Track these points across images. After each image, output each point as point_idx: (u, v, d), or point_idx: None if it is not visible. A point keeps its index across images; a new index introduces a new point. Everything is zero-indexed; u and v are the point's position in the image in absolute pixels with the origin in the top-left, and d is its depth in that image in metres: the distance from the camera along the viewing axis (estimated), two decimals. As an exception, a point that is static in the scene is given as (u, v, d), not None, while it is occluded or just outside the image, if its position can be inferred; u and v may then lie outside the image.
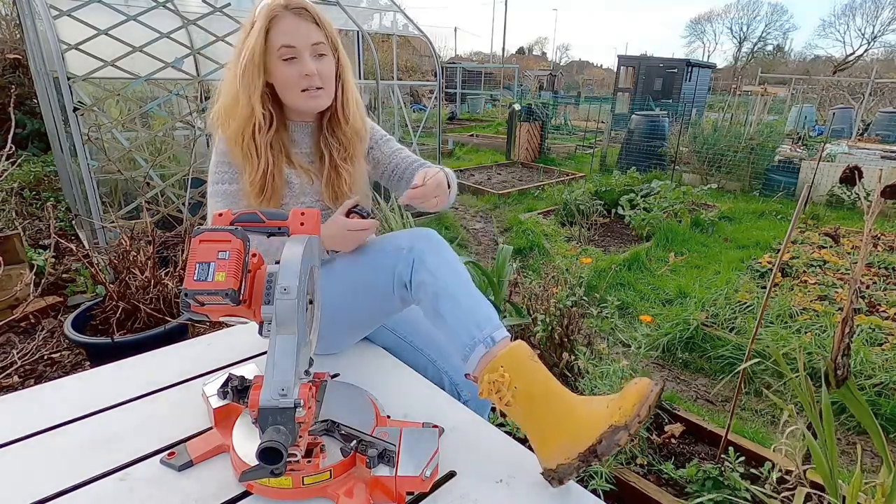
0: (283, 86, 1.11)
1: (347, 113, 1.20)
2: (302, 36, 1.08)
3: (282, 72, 1.09)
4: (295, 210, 0.90)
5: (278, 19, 1.07)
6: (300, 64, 1.09)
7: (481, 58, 38.70)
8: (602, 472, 1.62)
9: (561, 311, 2.17)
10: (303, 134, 1.23)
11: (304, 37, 1.08)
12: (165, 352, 1.33)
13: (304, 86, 1.10)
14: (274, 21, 1.07)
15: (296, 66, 1.09)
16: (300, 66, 1.09)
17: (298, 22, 1.08)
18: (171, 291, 2.21)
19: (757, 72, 14.70)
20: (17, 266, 2.72)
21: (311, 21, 1.09)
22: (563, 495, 0.89)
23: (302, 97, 1.12)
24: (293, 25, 1.07)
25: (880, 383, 2.24)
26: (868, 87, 11.37)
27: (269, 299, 0.77)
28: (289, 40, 1.07)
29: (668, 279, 3.63)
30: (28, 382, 2.17)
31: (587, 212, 5.00)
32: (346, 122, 1.21)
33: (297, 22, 1.08)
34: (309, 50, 1.09)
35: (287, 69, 1.09)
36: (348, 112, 1.21)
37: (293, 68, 1.09)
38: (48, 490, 0.85)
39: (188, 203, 2.98)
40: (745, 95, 10.95)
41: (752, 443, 1.82)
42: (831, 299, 3.07)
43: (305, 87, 1.11)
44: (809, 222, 5.05)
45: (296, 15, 1.08)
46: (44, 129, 5.12)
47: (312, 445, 0.85)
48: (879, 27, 34.00)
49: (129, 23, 2.87)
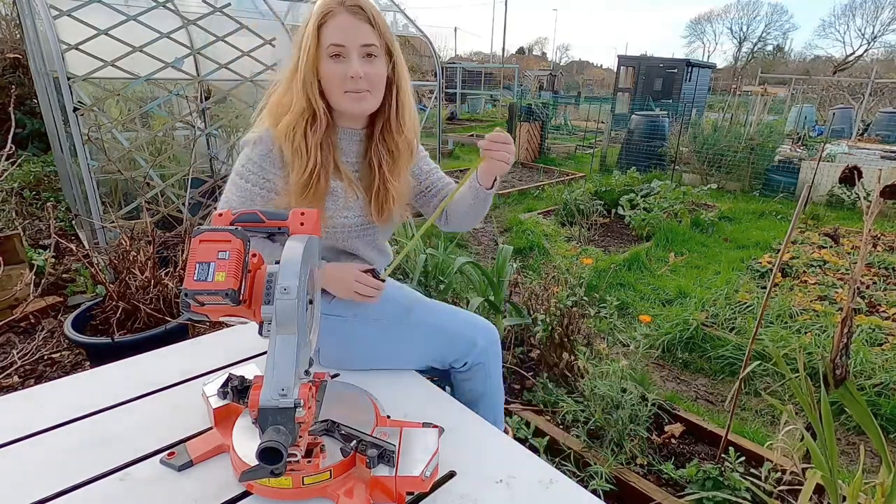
0: (328, 84, 1.08)
1: (402, 121, 1.16)
2: (353, 35, 1.04)
3: (328, 69, 1.06)
4: (295, 210, 0.89)
5: (332, 15, 1.04)
6: (347, 64, 1.05)
7: (481, 58, 38.72)
8: (602, 472, 1.62)
9: (561, 311, 2.17)
10: (350, 141, 1.18)
11: (354, 36, 1.05)
12: (165, 352, 1.33)
13: (349, 87, 1.06)
14: (327, 17, 1.04)
15: (342, 66, 1.05)
16: (346, 65, 1.05)
17: (352, 20, 1.04)
18: (171, 291, 2.21)
19: (757, 72, 14.71)
20: (17, 266, 2.72)
21: (365, 21, 1.05)
22: (563, 495, 0.89)
23: (345, 98, 1.08)
24: (345, 23, 1.04)
25: (880, 383, 2.24)
26: (868, 87, 11.38)
27: (269, 299, 0.77)
28: (338, 38, 1.04)
29: (668, 279, 3.63)
30: (28, 382, 2.17)
31: (587, 212, 5.00)
32: (399, 131, 1.16)
33: (350, 20, 1.04)
34: (358, 50, 1.05)
35: (333, 67, 1.05)
36: (402, 121, 1.16)
37: (339, 67, 1.05)
38: (48, 490, 0.85)
39: (188, 203, 2.98)
40: (745, 95, 10.95)
41: (752, 443, 1.82)
42: (831, 299, 3.07)
43: (349, 88, 1.06)
44: (809, 222, 5.05)
45: (350, 13, 1.04)
46: (44, 129, 5.12)
47: (312, 445, 0.85)
48: (879, 27, 34.04)
49: (129, 23, 2.87)
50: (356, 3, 1.05)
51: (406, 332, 1.23)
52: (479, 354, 1.24)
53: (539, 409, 2.02)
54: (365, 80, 1.06)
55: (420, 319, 1.24)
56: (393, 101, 1.14)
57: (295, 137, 1.07)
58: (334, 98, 1.09)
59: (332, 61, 1.05)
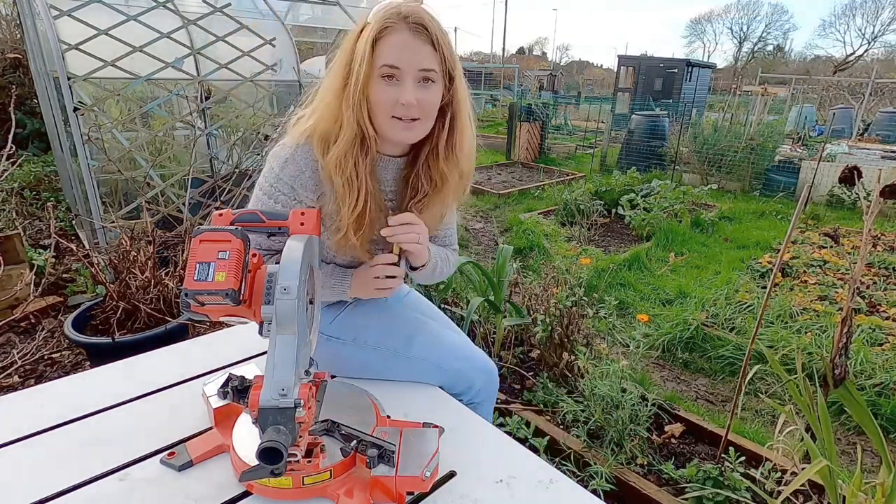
0: (375, 107, 0.96)
1: (452, 149, 1.03)
2: (411, 57, 0.92)
3: (378, 91, 0.94)
4: (295, 210, 0.89)
5: (390, 31, 0.91)
6: (400, 88, 0.93)
7: (481, 58, 38.71)
8: (602, 472, 1.62)
9: (561, 312, 2.17)
10: (386, 168, 1.08)
11: (413, 59, 0.92)
12: (165, 352, 1.33)
13: (398, 113, 0.95)
14: (385, 32, 0.91)
15: (394, 89, 0.94)
16: (399, 90, 0.93)
17: (412, 41, 0.92)
18: (171, 291, 2.21)
19: (757, 72, 14.71)
20: (17, 266, 2.72)
21: (427, 42, 0.93)
22: (562, 495, 0.89)
23: (391, 124, 0.97)
24: (404, 42, 0.92)
25: (880, 383, 2.24)
26: (868, 87, 11.38)
27: (270, 299, 0.77)
28: (394, 59, 0.92)
29: (669, 279, 3.63)
30: (28, 382, 2.17)
31: (587, 212, 5.00)
32: (447, 160, 1.03)
33: (410, 39, 0.92)
34: (414, 75, 0.94)
35: (384, 90, 0.94)
36: (453, 149, 1.03)
37: (391, 91, 0.94)
38: (48, 490, 0.85)
39: (188, 203, 2.98)
40: (745, 95, 10.95)
41: (753, 443, 1.82)
42: (831, 299, 3.07)
43: (398, 114, 0.95)
44: (809, 222, 5.05)
45: (412, 31, 0.92)
46: (44, 129, 5.12)
47: (312, 445, 0.85)
48: (879, 27, 34.04)
49: (129, 23, 2.87)
50: (420, 21, 0.92)
51: (404, 364, 1.19)
52: (474, 395, 1.22)
53: (539, 409, 2.02)
54: (417, 107, 0.95)
55: (419, 354, 1.19)
56: (445, 128, 1.02)
57: (347, 168, 0.97)
58: (379, 121, 0.98)
59: (384, 83, 0.94)
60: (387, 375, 1.21)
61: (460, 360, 1.21)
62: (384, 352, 1.18)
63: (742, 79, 21.19)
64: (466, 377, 1.20)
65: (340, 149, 0.97)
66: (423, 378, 1.20)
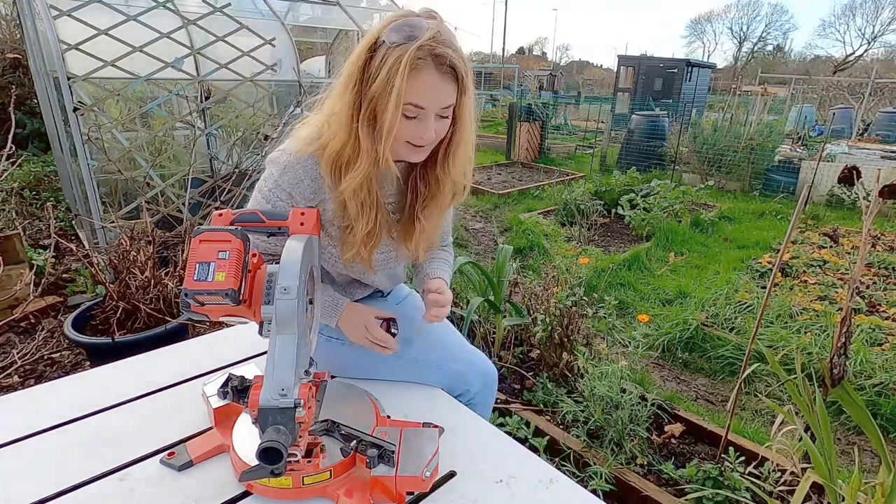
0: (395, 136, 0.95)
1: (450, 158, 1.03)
2: (437, 98, 0.92)
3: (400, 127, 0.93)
4: (295, 210, 0.90)
5: (420, 70, 0.88)
6: (421, 125, 0.93)
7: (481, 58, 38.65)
8: (602, 473, 1.62)
9: (561, 311, 2.17)
10: (387, 178, 1.07)
11: (438, 100, 0.92)
12: (165, 352, 1.33)
13: (415, 142, 0.96)
14: (414, 71, 0.87)
15: (415, 125, 0.93)
16: (420, 126, 0.93)
17: (440, 82, 0.90)
18: (171, 291, 2.21)
19: (757, 72, 14.70)
20: (17, 266, 2.72)
21: (452, 80, 0.92)
22: (562, 495, 0.89)
23: (405, 148, 0.97)
24: (433, 84, 0.90)
25: (880, 383, 2.24)
26: (868, 87, 11.38)
27: (269, 299, 0.77)
28: (421, 100, 0.90)
29: (668, 279, 3.63)
30: (28, 382, 2.17)
31: (587, 212, 5.00)
32: (443, 167, 1.04)
33: (438, 81, 0.90)
34: (437, 112, 0.94)
35: (405, 126, 0.93)
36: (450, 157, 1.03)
37: (412, 127, 0.93)
38: (48, 490, 0.85)
39: (188, 203, 2.98)
40: (745, 95, 10.95)
41: (752, 443, 1.82)
42: (831, 299, 3.07)
43: (415, 143, 0.96)
44: (809, 222, 5.05)
45: (440, 73, 0.89)
46: (44, 129, 5.12)
47: (312, 445, 0.85)
48: (879, 27, 34.04)
49: (129, 23, 2.87)
50: (450, 62, 0.89)
51: (403, 365, 1.20)
52: (472, 397, 1.22)
53: (539, 409, 2.02)
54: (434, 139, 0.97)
55: (418, 356, 1.20)
56: (447, 137, 1.01)
57: (362, 193, 0.98)
58: (394, 146, 0.97)
59: (404, 119, 0.92)
60: (386, 376, 1.21)
61: (459, 362, 1.21)
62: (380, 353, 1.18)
63: (742, 79, 21.20)
64: (465, 379, 1.20)
65: (359, 178, 0.95)
66: (421, 379, 1.20)
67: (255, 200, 1.04)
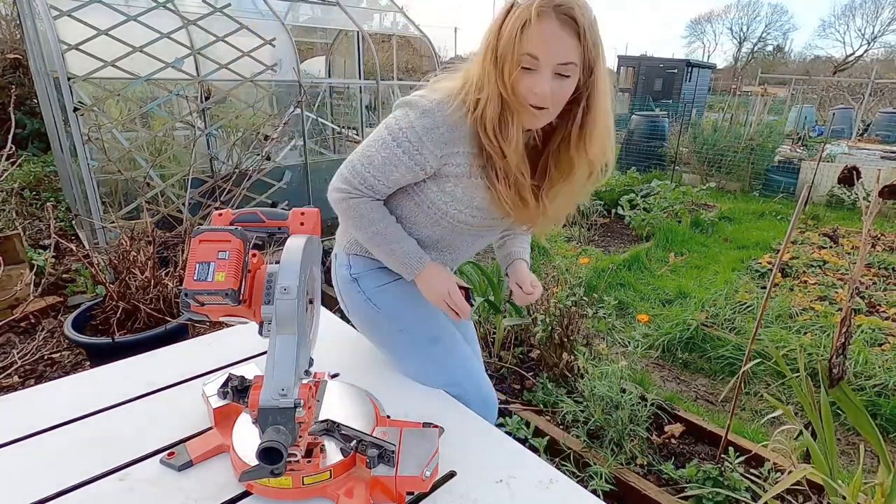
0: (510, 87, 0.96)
1: (585, 140, 1.01)
2: (553, 49, 0.90)
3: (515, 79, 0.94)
4: (295, 210, 0.90)
5: (539, 18, 0.88)
6: (536, 79, 0.93)
7: (481, 58, 38.56)
8: (602, 473, 1.62)
9: (561, 312, 2.17)
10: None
11: (554, 52, 0.91)
12: (165, 352, 1.33)
13: (531, 101, 0.95)
14: (535, 17, 0.88)
15: (530, 79, 0.93)
16: (535, 80, 0.93)
17: (559, 32, 0.89)
18: (171, 291, 2.21)
19: (757, 72, 14.71)
20: (17, 266, 2.72)
21: (573, 34, 0.90)
22: (562, 495, 0.89)
23: (528, 113, 0.97)
24: (551, 33, 0.89)
25: (880, 384, 2.24)
26: (868, 88, 11.38)
27: (269, 299, 0.77)
28: (536, 50, 0.90)
29: (668, 279, 3.63)
30: (28, 382, 2.17)
31: (587, 212, 5.00)
32: (578, 148, 1.02)
33: (556, 30, 0.89)
34: (552, 68, 0.92)
35: (520, 78, 0.93)
36: (586, 139, 1.01)
37: (526, 79, 0.93)
38: (48, 490, 0.85)
39: (188, 203, 2.98)
40: (745, 96, 10.95)
41: (752, 443, 1.82)
42: (831, 299, 3.07)
43: (532, 102, 0.95)
44: (809, 222, 5.06)
45: (560, 23, 0.89)
46: (44, 129, 5.13)
47: (312, 445, 0.85)
48: (879, 27, 34.01)
49: (129, 23, 2.87)
50: (570, 13, 0.89)
51: (422, 359, 1.20)
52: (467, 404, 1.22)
53: (539, 409, 2.02)
54: (550, 98, 0.95)
55: (437, 357, 1.20)
56: (578, 118, 0.99)
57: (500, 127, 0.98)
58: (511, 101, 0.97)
59: (522, 71, 0.93)
60: (398, 361, 1.23)
61: (468, 381, 1.21)
62: (408, 338, 1.20)
63: (742, 79, 21.20)
64: (465, 399, 1.19)
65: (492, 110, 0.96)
66: (428, 380, 1.21)
67: (381, 138, 1.04)
